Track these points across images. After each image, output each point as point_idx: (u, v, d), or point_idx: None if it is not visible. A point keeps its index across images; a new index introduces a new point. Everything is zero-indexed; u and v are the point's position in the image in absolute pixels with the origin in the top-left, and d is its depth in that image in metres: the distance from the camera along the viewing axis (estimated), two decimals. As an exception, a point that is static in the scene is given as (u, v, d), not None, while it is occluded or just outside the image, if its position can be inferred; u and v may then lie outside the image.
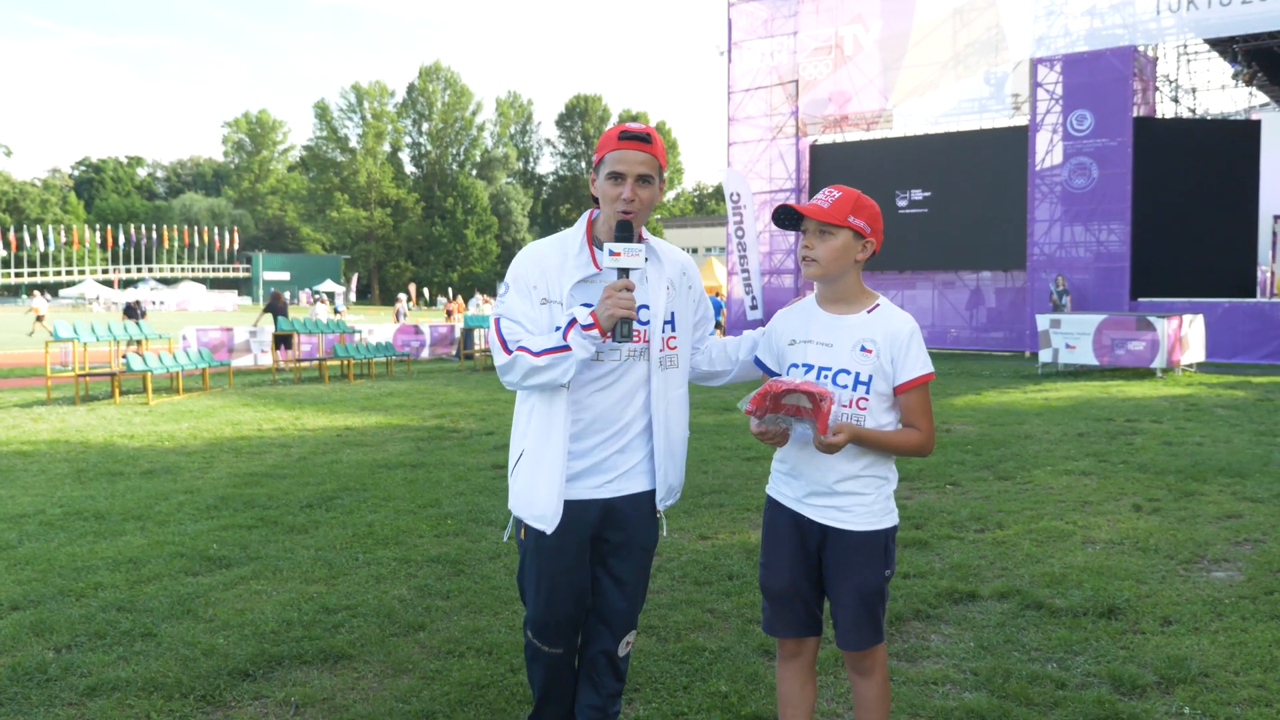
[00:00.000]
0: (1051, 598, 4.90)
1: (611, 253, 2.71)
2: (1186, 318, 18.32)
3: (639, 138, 2.78)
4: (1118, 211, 22.83)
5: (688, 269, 3.02)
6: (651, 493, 2.94)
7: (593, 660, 3.02)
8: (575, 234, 2.88)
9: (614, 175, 2.78)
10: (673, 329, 2.91)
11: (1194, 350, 18.57)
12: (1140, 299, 22.54)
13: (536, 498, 2.83)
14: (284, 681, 3.97)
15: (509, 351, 2.74)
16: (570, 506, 2.82)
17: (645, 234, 2.91)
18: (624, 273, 2.72)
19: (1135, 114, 23.14)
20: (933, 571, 5.38)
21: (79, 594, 5.07)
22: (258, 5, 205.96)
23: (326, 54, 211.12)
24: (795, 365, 2.87)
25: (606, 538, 2.92)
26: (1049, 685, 3.85)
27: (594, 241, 2.87)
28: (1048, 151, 23.85)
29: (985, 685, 3.87)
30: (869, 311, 2.86)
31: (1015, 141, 24.86)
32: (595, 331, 2.68)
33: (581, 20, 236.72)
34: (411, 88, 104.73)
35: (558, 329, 2.74)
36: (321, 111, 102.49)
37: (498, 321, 2.83)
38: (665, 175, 2.91)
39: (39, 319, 37.47)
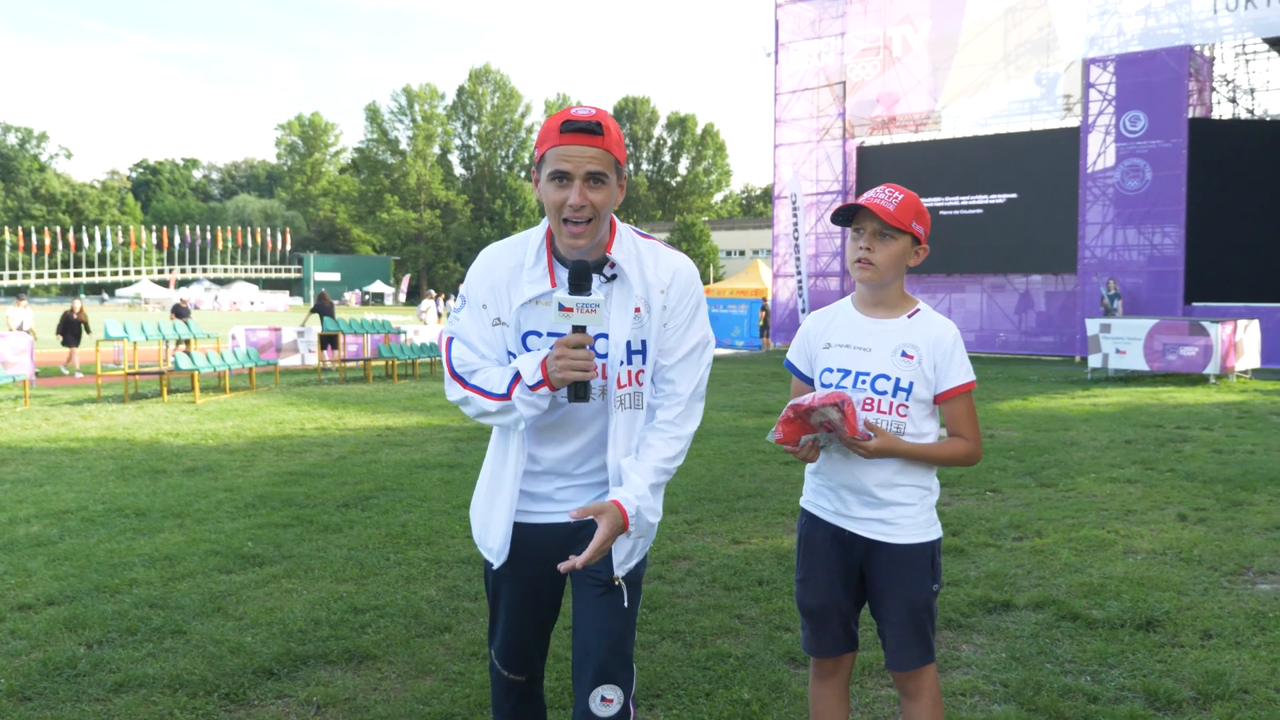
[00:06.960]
0: (1088, 608, 4.78)
1: (562, 307, 2.23)
2: (1242, 323, 17.89)
3: (586, 128, 2.23)
4: (1172, 214, 22.40)
5: (672, 285, 2.41)
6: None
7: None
8: (535, 239, 2.42)
9: (558, 175, 2.27)
10: (643, 360, 2.39)
11: (1249, 356, 18.13)
12: (1195, 304, 22.08)
13: (492, 529, 2.51)
14: (308, 681, 3.99)
15: (465, 386, 2.39)
16: (529, 530, 2.50)
17: (621, 234, 2.41)
18: (579, 327, 2.27)
19: (1190, 115, 22.68)
20: (967, 580, 5.28)
21: (114, 590, 5.14)
22: (310, 10, 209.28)
23: (378, 57, 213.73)
24: (830, 369, 2.78)
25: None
26: (1081, 699, 3.75)
27: (554, 253, 2.40)
28: (1100, 153, 23.47)
29: (1015, 698, 3.78)
30: (909, 316, 2.77)
31: (1067, 143, 24.47)
32: (545, 390, 2.30)
33: (629, 22, 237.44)
34: (461, 90, 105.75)
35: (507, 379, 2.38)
36: (372, 114, 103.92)
37: (450, 342, 2.44)
38: (625, 171, 2.38)
39: None
